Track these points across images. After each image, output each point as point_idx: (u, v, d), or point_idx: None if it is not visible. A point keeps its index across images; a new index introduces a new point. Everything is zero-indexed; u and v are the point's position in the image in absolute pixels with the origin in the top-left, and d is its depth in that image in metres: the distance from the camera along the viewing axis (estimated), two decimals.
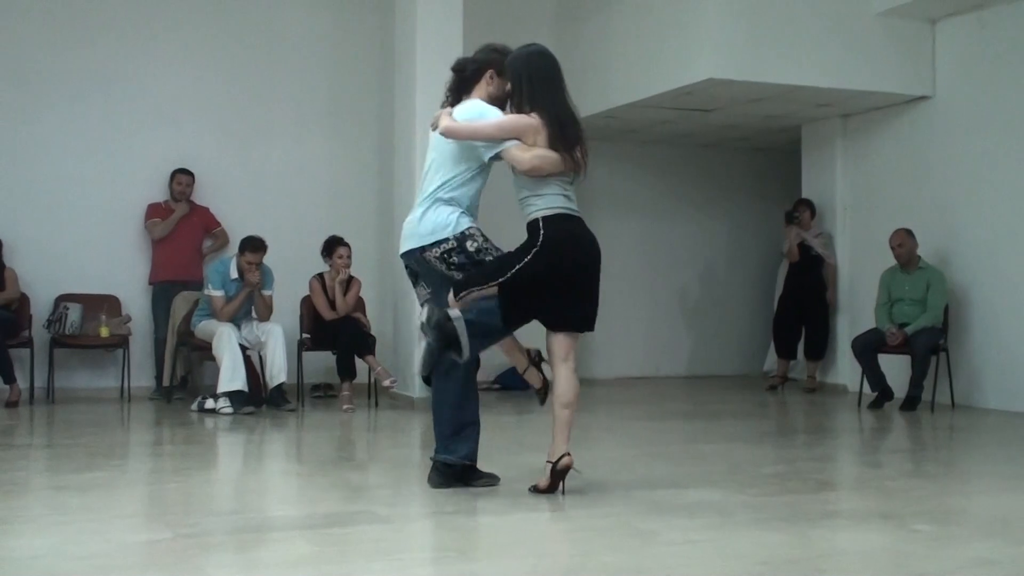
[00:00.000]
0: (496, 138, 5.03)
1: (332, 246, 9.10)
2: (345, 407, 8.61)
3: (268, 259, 8.87)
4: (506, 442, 7.17)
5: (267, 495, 5.54)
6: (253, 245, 8.67)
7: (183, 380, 9.39)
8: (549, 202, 4.99)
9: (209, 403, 8.37)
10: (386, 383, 8.79)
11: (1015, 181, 8.89)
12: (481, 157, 5.10)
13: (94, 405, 8.90)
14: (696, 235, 12.24)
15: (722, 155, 12.35)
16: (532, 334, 5.17)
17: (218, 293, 8.68)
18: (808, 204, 10.64)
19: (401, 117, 9.54)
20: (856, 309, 10.28)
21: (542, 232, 4.94)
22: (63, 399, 9.08)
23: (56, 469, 5.99)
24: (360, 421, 8.30)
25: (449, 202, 5.11)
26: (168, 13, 9.85)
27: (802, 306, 10.57)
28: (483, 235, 5.09)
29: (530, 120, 4.99)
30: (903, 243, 9.16)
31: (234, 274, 8.73)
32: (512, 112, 5.07)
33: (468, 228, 5.07)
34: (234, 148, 10.00)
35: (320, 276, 9.11)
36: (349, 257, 9.08)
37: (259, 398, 8.60)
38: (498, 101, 5.19)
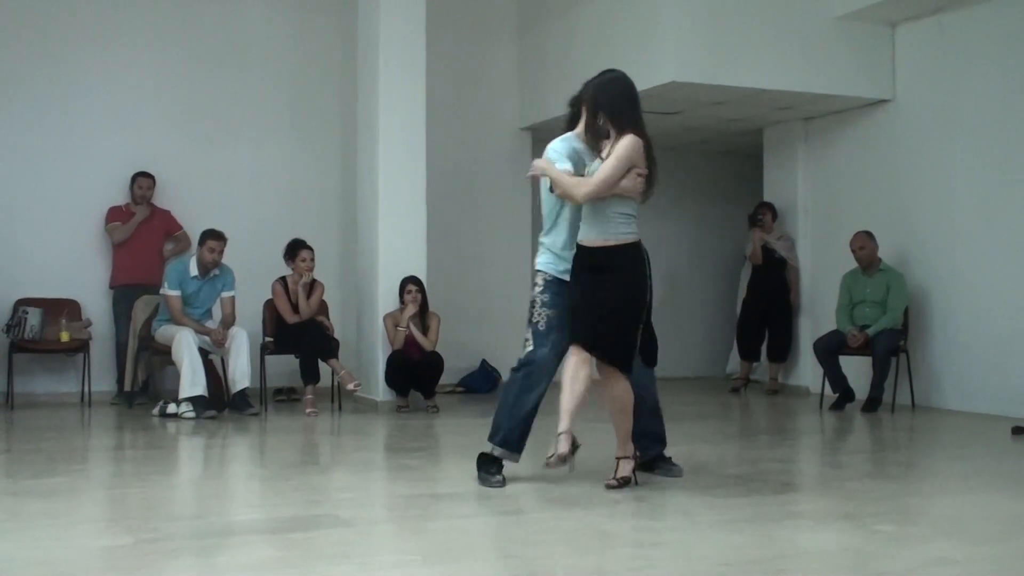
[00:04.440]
0: None
1: (295, 249, 9.05)
2: (308, 411, 8.58)
3: (230, 262, 8.83)
4: (470, 444, 7.17)
5: (229, 499, 5.52)
6: (215, 233, 8.67)
7: (145, 384, 9.30)
8: None
9: (171, 408, 8.31)
10: (350, 387, 8.76)
11: (974, 184, 8.98)
12: None
13: (54, 410, 8.82)
14: (659, 238, 12.22)
15: (685, 158, 12.40)
16: None
17: (174, 292, 8.61)
18: (770, 207, 10.70)
19: (364, 120, 9.51)
20: (818, 311, 10.35)
21: None
22: (23, 404, 8.97)
23: (15, 474, 5.92)
24: (323, 425, 8.27)
25: None
26: (129, 16, 9.77)
27: (765, 308, 10.62)
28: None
29: None
30: (864, 246, 9.23)
31: (194, 271, 8.67)
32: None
33: None
34: (196, 151, 9.94)
35: (283, 279, 9.07)
36: (312, 260, 9.04)
37: (221, 402, 8.55)
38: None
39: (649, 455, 5.63)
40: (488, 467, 5.46)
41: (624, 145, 5.18)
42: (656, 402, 5.70)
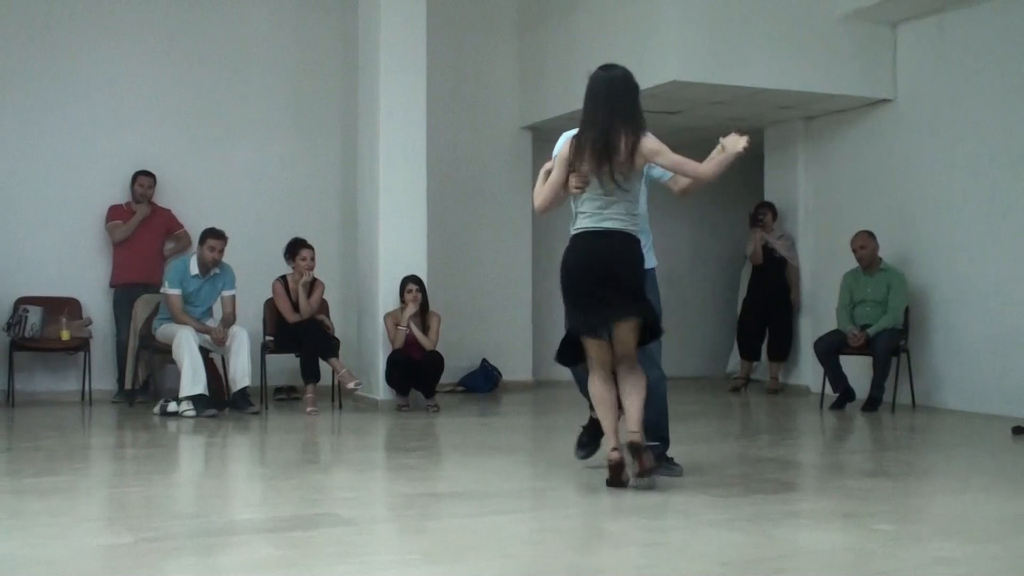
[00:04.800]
0: None
1: (295, 248, 9.05)
2: (309, 410, 8.58)
3: (231, 260, 8.83)
4: (470, 443, 7.18)
5: (230, 498, 5.52)
6: (215, 232, 8.68)
7: (145, 383, 9.31)
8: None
9: (172, 406, 8.31)
10: (350, 386, 8.77)
11: (974, 183, 8.98)
12: None
13: (55, 408, 8.82)
14: (659, 237, 12.16)
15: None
16: None
17: (174, 291, 8.61)
18: (770, 206, 10.70)
19: (364, 119, 9.51)
20: (818, 311, 10.35)
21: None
22: (23, 402, 8.98)
23: (16, 473, 5.92)
24: (324, 424, 8.27)
25: None
26: (129, 16, 9.76)
27: (766, 308, 10.62)
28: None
29: None
30: (864, 245, 9.23)
31: (194, 270, 8.67)
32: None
33: None
34: (197, 150, 9.93)
35: (283, 278, 9.07)
36: (313, 259, 9.04)
37: (221, 401, 8.55)
38: None
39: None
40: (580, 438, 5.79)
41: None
42: (663, 400, 5.66)
